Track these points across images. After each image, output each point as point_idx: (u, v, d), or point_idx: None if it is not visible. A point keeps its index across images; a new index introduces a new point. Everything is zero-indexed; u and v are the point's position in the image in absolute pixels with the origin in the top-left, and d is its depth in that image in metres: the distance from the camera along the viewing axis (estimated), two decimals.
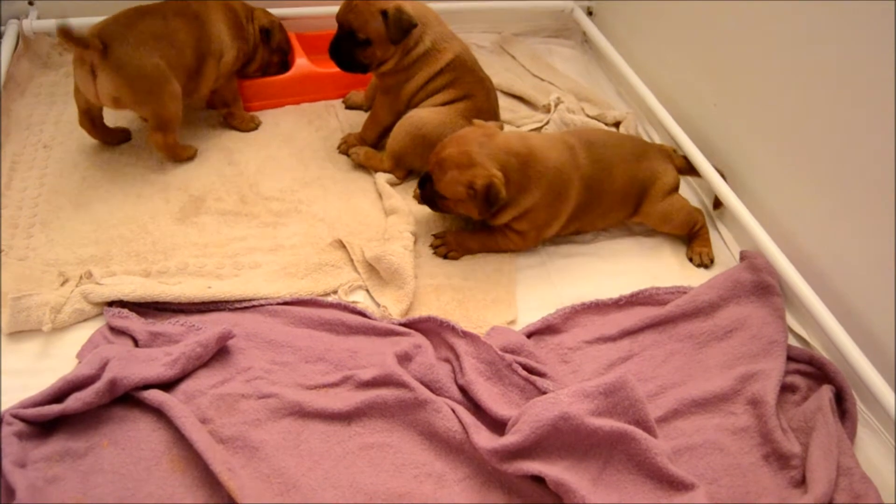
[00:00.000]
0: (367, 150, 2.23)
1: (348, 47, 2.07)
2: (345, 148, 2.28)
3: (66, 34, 1.83)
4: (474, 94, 2.17)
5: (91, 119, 2.11)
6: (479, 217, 1.92)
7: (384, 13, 2.00)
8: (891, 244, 1.62)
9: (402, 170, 2.19)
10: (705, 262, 2.05)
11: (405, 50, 2.09)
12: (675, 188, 2.11)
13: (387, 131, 2.22)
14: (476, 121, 1.98)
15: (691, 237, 2.10)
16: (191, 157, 2.19)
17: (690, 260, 2.07)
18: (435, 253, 1.98)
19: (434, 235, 2.01)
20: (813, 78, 1.83)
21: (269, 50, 2.39)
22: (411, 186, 2.18)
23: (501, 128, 1.99)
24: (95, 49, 1.89)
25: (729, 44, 2.17)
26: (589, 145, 2.00)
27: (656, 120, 2.43)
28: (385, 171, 2.19)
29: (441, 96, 2.15)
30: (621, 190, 2.02)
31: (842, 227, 1.78)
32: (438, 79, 2.14)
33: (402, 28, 2.02)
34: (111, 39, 1.93)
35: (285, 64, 2.49)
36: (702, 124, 2.30)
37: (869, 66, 1.66)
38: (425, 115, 2.11)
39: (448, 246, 1.98)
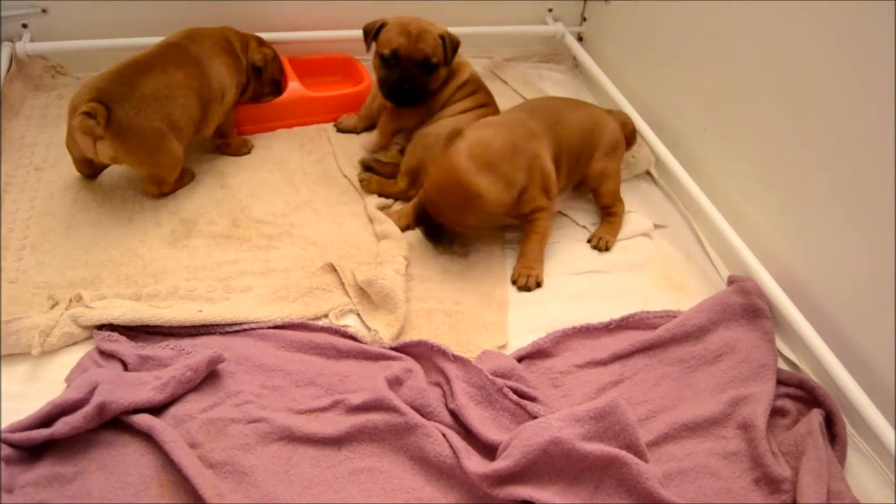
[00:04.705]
0: (378, 178, 2.27)
1: (422, 76, 2.14)
2: (366, 186, 2.28)
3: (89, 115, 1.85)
4: (490, 103, 2.33)
5: (88, 164, 2.11)
6: (516, 212, 2.00)
7: (442, 37, 2.14)
8: (880, 267, 1.64)
9: (419, 188, 2.21)
10: (602, 247, 2.14)
11: (448, 71, 2.23)
12: (618, 147, 2.22)
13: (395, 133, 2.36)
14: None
15: (603, 218, 2.22)
16: (187, 184, 2.19)
17: (588, 242, 2.17)
18: (520, 290, 1.98)
19: (512, 280, 2.02)
20: (801, 101, 1.86)
21: (261, 83, 2.40)
22: None
23: None
24: (101, 119, 1.86)
25: (718, 69, 2.19)
26: (532, 111, 2.12)
27: (646, 144, 2.45)
28: (400, 192, 2.23)
29: (461, 105, 2.28)
30: (578, 139, 2.12)
31: (831, 250, 1.79)
32: (459, 92, 2.29)
33: (455, 49, 2.19)
34: (112, 102, 1.90)
35: (277, 90, 2.50)
36: (691, 148, 2.32)
37: (858, 89, 1.69)
38: (439, 131, 2.16)
39: (528, 276, 2.00)
